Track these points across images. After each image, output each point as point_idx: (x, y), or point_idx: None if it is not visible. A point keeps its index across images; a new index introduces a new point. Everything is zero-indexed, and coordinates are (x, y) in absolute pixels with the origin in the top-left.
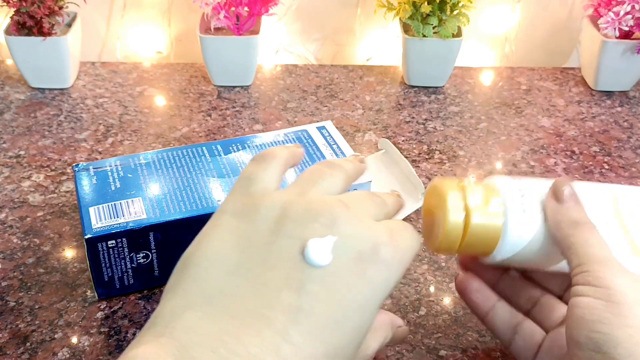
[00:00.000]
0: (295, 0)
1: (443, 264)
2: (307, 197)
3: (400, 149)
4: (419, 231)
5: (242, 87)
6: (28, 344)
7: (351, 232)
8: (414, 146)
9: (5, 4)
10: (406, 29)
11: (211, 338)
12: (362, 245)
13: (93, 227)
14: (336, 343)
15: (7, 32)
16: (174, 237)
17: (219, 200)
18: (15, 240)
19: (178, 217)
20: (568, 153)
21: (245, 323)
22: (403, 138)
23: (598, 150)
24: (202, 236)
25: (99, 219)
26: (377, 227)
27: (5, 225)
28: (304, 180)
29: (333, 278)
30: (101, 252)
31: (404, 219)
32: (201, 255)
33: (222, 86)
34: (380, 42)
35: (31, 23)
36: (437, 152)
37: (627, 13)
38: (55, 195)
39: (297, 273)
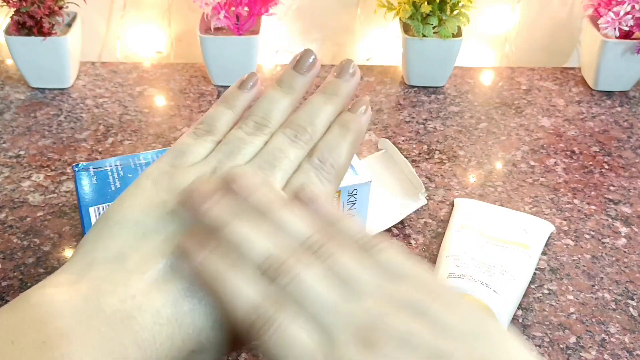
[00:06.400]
0: (295, 0)
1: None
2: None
3: (400, 149)
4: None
5: None
6: None
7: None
8: (414, 146)
9: (5, 4)
10: (406, 29)
11: (123, 290)
12: None
13: None
14: None
15: (7, 32)
16: None
17: None
18: (15, 240)
19: None
20: (568, 153)
21: (156, 283)
22: (403, 138)
23: (598, 150)
24: (124, 196)
25: None
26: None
27: (5, 225)
28: (222, 152)
29: None
30: None
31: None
32: (122, 216)
33: (222, 86)
34: (380, 42)
35: (31, 23)
36: (437, 152)
37: (627, 13)
38: (55, 195)
39: None
